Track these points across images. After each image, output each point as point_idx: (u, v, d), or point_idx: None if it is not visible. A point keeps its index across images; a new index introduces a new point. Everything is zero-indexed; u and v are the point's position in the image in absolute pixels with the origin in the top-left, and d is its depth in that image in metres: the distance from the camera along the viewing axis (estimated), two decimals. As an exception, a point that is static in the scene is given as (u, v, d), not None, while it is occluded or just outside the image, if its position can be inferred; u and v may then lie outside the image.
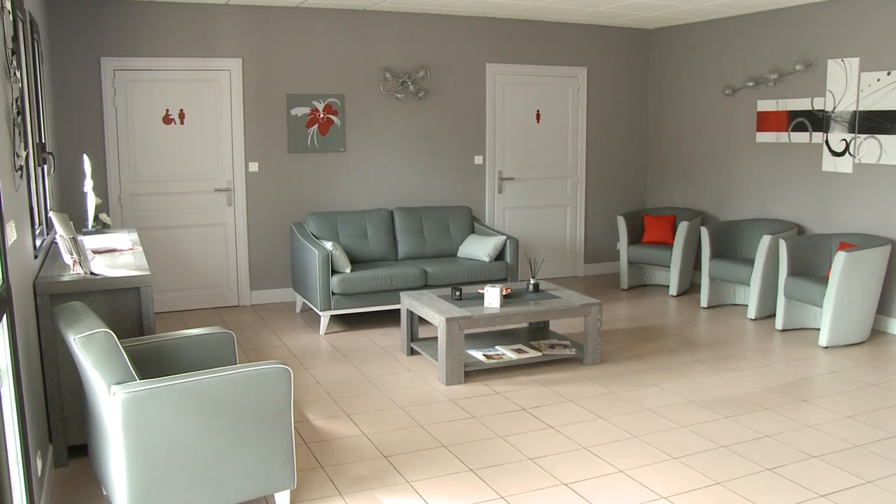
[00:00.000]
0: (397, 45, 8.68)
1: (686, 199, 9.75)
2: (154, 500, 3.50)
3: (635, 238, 9.34)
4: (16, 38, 4.26)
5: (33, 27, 5.42)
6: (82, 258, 4.59)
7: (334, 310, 7.29)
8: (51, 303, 4.30)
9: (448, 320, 5.84)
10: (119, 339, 3.66)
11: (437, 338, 6.42)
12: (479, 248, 8.02)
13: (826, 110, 7.90)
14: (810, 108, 8.07)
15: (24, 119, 4.38)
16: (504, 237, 8.04)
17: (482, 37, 9.06)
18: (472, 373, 6.17)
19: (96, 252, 5.28)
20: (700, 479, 4.39)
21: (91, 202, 6.38)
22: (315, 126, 8.43)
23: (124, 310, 4.53)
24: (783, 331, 7.49)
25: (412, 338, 6.71)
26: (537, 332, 6.98)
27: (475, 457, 4.67)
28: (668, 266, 8.94)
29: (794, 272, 7.38)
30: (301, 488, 4.25)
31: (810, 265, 7.49)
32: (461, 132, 9.12)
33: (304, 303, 8.04)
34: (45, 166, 5.68)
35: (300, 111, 8.36)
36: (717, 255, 8.34)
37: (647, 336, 7.31)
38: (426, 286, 7.60)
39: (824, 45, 7.90)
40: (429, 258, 8.19)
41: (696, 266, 9.26)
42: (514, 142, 9.43)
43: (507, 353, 6.29)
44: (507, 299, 6.40)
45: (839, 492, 4.24)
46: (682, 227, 8.73)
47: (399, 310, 7.87)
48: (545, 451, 4.75)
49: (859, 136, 7.60)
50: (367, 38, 8.54)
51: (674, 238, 8.94)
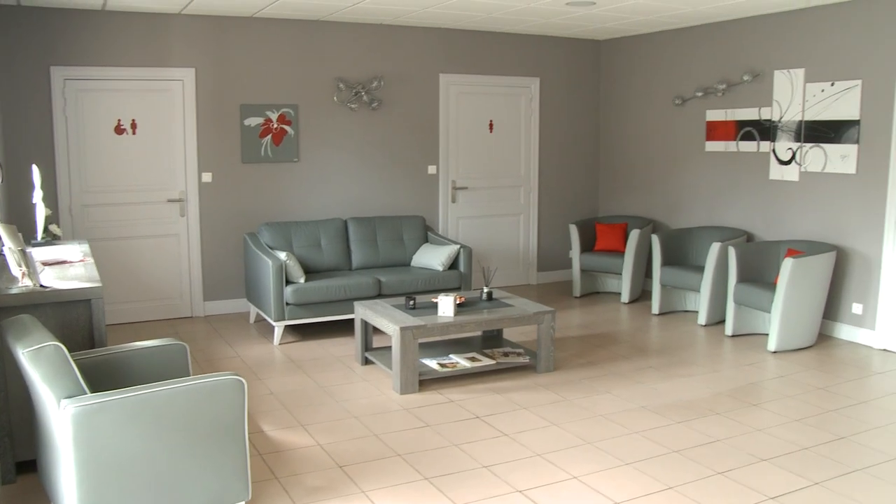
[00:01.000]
0: (351, 55, 8.68)
1: (637, 207, 9.87)
2: (105, 515, 3.46)
3: (587, 246, 9.42)
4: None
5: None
6: (31, 270, 4.52)
7: (288, 320, 7.26)
8: (-2, 315, 4.23)
9: (402, 329, 5.84)
10: (69, 352, 3.61)
11: (391, 347, 6.43)
12: (432, 258, 8.05)
13: (773, 120, 8.06)
14: (758, 118, 8.22)
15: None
16: (457, 246, 8.08)
17: (436, 47, 9.11)
18: (427, 381, 6.18)
19: (46, 264, 5.20)
20: (653, 483, 4.44)
21: (40, 213, 6.29)
22: (269, 136, 8.40)
23: (75, 322, 4.47)
24: (733, 336, 7.61)
25: (366, 347, 6.71)
26: (491, 340, 7.01)
27: (430, 465, 4.68)
28: (620, 273, 9.04)
29: (743, 279, 7.50)
30: (256, 500, 4.23)
31: (759, 272, 7.62)
32: (415, 142, 9.15)
33: (258, 313, 7.99)
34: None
35: (254, 121, 8.32)
36: (667, 262, 8.45)
37: (599, 343, 7.38)
38: (380, 295, 7.60)
39: (771, 57, 8.06)
40: (382, 268, 8.19)
41: (648, 273, 9.38)
42: (467, 151, 9.48)
43: (461, 362, 6.31)
44: (460, 308, 6.43)
45: (788, 494, 4.32)
46: (634, 234, 8.84)
47: (353, 319, 7.86)
48: (499, 459, 4.77)
49: (805, 145, 7.76)
50: (321, 48, 8.53)
51: (625, 246, 9.04)
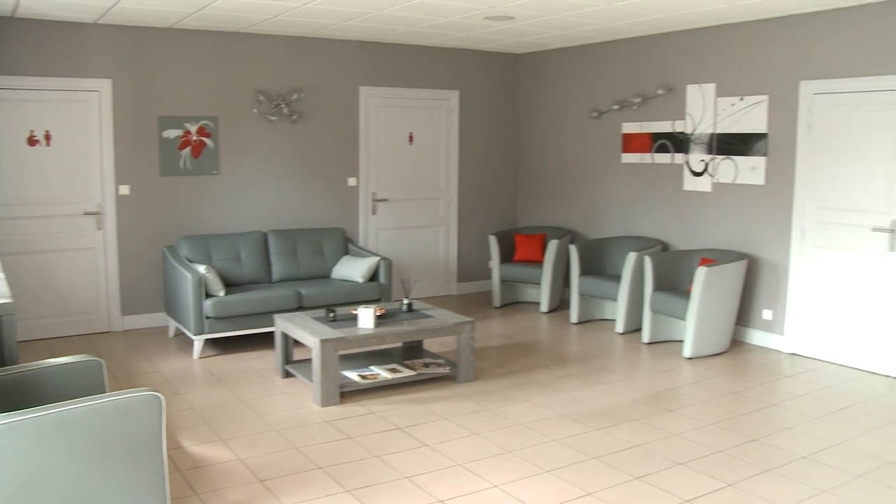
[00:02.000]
0: (271, 67, 8.63)
1: (556, 218, 10.02)
2: (17, 536, 3.37)
3: (507, 257, 9.53)
4: None
5: None
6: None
7: (208, 333, 7.17)
8: None
9: (322, 342, 5.83)
10: (-22, 368, 3.52)
11: (311, 360, 6.39)
12: (352, 270, 8.04)
13: (686, 133, 8.28)
14: (672, 131, 8.44)
15: None
16: (377, 258, 8.09)
17: (356, 60, 9.11)
18: (348, 393, 6.17)
19: (-48, 279, 5.05)
20: (572, 490, 4.51)
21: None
22: (188, 148, 8.29)
23: (-17, 339, 4.35)
24: (649, 343, 7.77)
25: (287, 360, 6.66)
26: (411, 351, 7.03)
27: (351, 477, 4.67)
28: (539, 283, 9.15)
29: (658, 287, 7.68)
30: (174, 516, 4.17)
31: (674, 280, 7.81)
32: (335, 154, 9.13)
33: (177, 327, 7.87)
34: None
35: (172, 133, 8.20)
36: (585, 272, 8.59)
37: (519, 352, 7.47)
38: (300, 308, 7.56)
39: (684, 72, 8.28)
40: (303, 280, 8.15)
41: (566, 283, 9.52)
42: (387, 164, 9.50)
43: (381, 373, 6.32)
44: (380, 320, 6.44)
45: (703, 496, 4.44)
46: (552, 245, 8.96)
47: (273, 332, 7.79)
48: (420, 469, 4.79)
49: (717, 157, 7.99)
50: (240, 60, 8.46)
51: (544, 256, 9.16)
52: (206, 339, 7.54)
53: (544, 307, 9.13)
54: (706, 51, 8.04)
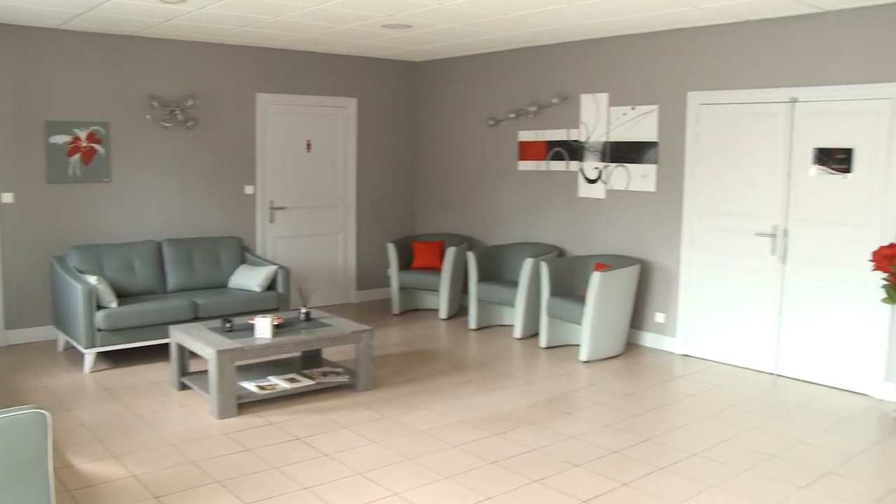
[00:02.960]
0: (165, 72, 8.45)
1: (454, 225, 10.10)
2: None
3: (405, 264, 9.55)
4: None
5: None
6: None
7: (100, 346, 6.97)
8: None
9: (219, 353, 5.74)
10: None
11: (208, 371, 6.28)
12: (250, 279, 7.94)
13: (581, 141, 8.46)
14: (567, 139, 8.60)
15: None
16: (275, 267, 8.01)
17: (252, 66, 9.01)
18: (246, 405, 6.08)
19: None
20: (472, 495, 4.55)
21: None
22: (77, 155, 8.04)
23: None
24: (547, 348, 7.90)
25: (183, 372, 6.53)
26: (310, 360, 6.98)
27: (249, 490, 4.61)
28: (438, 290, 9.20)
29: (555, 292, 7.81)
30: (64, 536, 4.04)
31: (570, 285, 7.96)
32: (231, 162, 9.00)
33: (66, 341, 7.62)
34: None
35: (60, 139, 7.95)
36: (483, 278, 8.68)
37: (418, 359, 7.49)
38: (197, 318, 7.43)
39: (578, 81, 8.46)
40: (199, 290, 8.01)
41: (465, 289, 9.59)
42: (285, 171, 9.41)
43: (280, 383, 6.26)
44: (278, 329, 6.37)
45: (599, 496, 4.54)
46: (450, 252, 9.03)
47: (169, 344, 7.62)
48: (320, 480, 4.76)
49: (610, 164, 8.18)
50: (133, 64, 8.26)
51: (442, 263, 9.21)
52: (98, 353, 7.33)
53: (443, 314, 9.18)
54: (599, 61, 8.23)
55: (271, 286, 8.02)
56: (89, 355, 6.97)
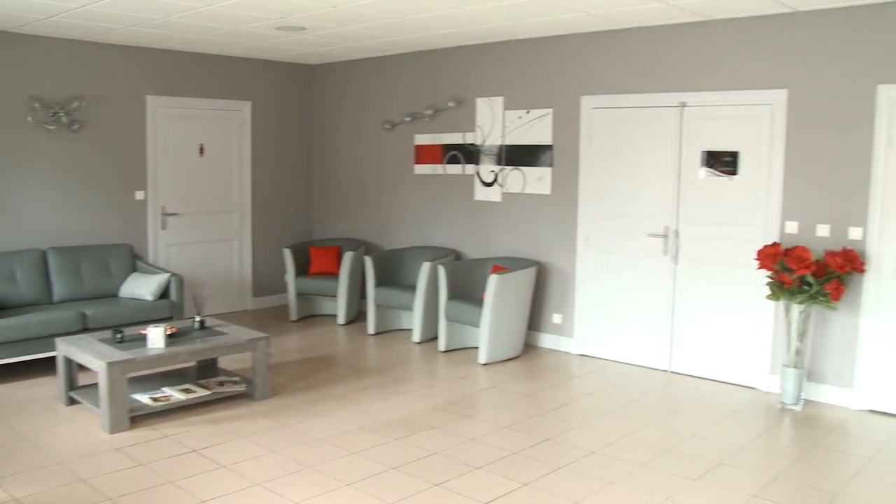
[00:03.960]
0: (48, 72, 8.11)
1: (351, 229, 10.02)
2: None
3: (302, 269, 9.43)
4: None
5: None
6: None
7: (-21, 360, 6.66)
8: None
9: (109, 365, 5.54)
10: None
11: (98, 384, 6.06)
12: (141, 287, 7.71)
13: (476, 144, 8.50)
14: (463, 142, 8.64)
15: None
16: (168, 275, 7.80)
17: (142, 68, 8.74)
18: (139, 418, 5.89)
19: None
20: (373, 502, 4.50)
21: None
22: (-50, 160, 7.67)
23: None
24: (446, 352, 7.91)
25: (71, 386, 6.26)
26: (206, 370, 6.81)
27: (144, 504, 4.46)
28: (336, 296, 9.12)
29: (452, 296, 7.83)
30: (-57, 560, 3.83)
31: (467, 288, 7.99)
32: (121, 166, 8.71)
33: (-58, 355, 7.25)
34: None
35: (-69, 144, 7.57)
36: (381, 282, 8.64)
37: (317, 366, 7.40)
38: (85, 330, 7.15)
39: (474, 85, 8.51)
40: (88, 300, 7.73)
41: (363, 294, 9.53)
42: (177, 176, 9.17)
43: (174, 395, 6.08)
44: (172, 339, 6.19)
45: (500, 497, 4.55)
46: (347, 257, 8.96)
47: (56, 357, 7.33)
48: (218, 492, 4.63)
49: (506, 167, 8.25)
50: (11, 62, 7.89)
51: (340, 268, 9.13)
52: (-21, 367, 7.01)
53: (341, 319, 9.10)
54: (495, 65, 8.30)
55: (164, 295, 7.81)
56: (-31, 370, 6.65)
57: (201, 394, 6.14)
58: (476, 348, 7.97)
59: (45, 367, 7.28)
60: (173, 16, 6.89)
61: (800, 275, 6.02)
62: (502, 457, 5.20)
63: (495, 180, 8.37)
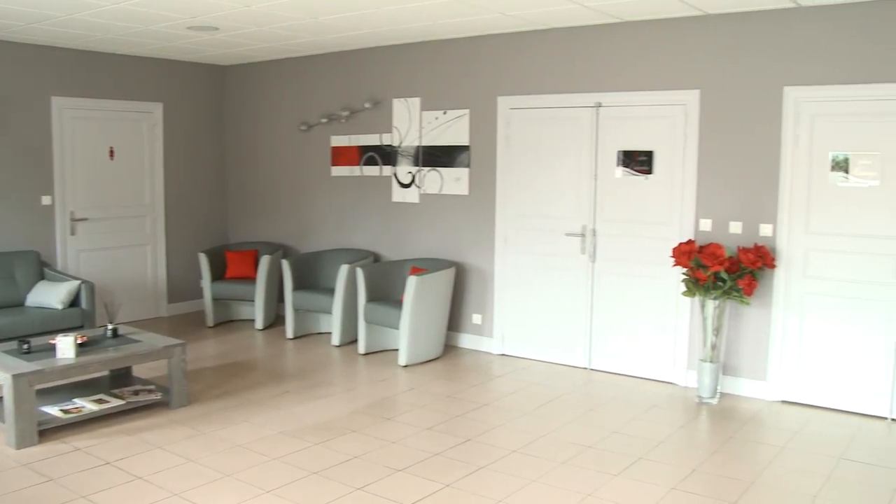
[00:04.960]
0: (-57, 74, 7.81)
1: (267, 233, 9.88)
2: None
3: (219, 274, 9.25)
4: None
5: None
6: None
7: None
8: None
9: (14, 377, 5.32)
10: None
11: (2, 398, 5.82)
12: (50, 296, 7.46)
13: (394, 145, 8.47)
14: (380, 144, 8.59)
15: None
16: (78, 282, 7.57)
17: (47, 68, 8.45)
18: (49, 431, 5.66)
19: None
20: (294, 507, 4.44)
21: None
22: None
23: None
24: (366, 354, 7.85)
25: (-25, 398, 6.03)
26: (120, 379, 6.62)
27: (54, 518, 4.30)
28: (253, 300, 8.98)
29: (371, 298, 7.78)
30: None
31: (386, 290, 7.95)
32: (25, 170, 8.39)
33: None
34: None
35: None
36: (299, 286, 8.53)
37: (235, 372, 7.27)
38: (-10, 339, 6.91)
39: (390, 86, 8.47)
40: (-8, 308, 7.46)
41: (281, 298, 9.40)
42: (86, 180, 8.89)
43: (87, 406, 5.89)
44: (83, 348, 5.99)
45: (423, 499, 4.52)
46: (264, 260, 8.83)
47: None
48: None
49: (423, 168, 8.24)
50: None
51: (257, 272, 9.00)
52: None
53: (259, 324, 8.96)
54: (411, 66, 8.27)
55: (74, 303, 7.57)
56: None
57: (115, 404, 5.96)
58: (396, 350, 7.93)
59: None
60: (77, 14, 6.68)
61: (714, 271, 6.14)
62: (424, 458, 5.17)
63: (413, 181, 8.35)
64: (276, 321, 9.31)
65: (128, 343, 6.20)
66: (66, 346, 5.76)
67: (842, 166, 6.06)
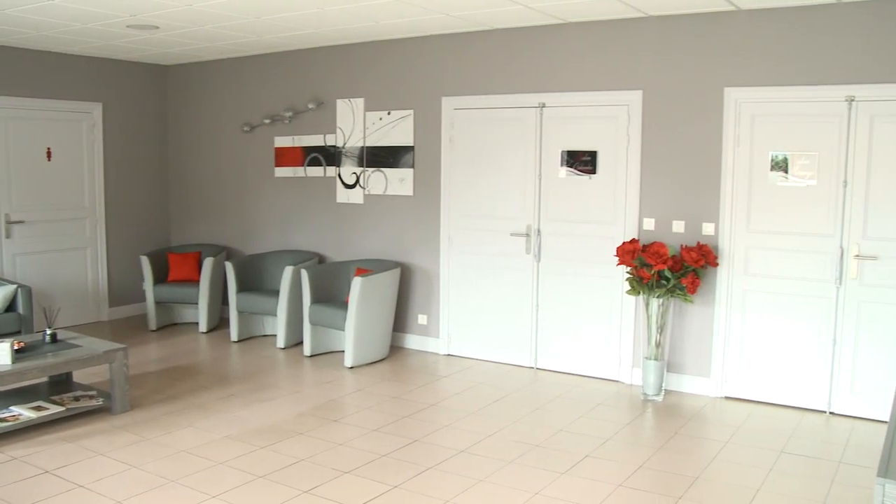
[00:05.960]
0: None
1: (210, 235, 9.76)
2: None
3: (161, 277, 9.11)
4: None
5: None
6: None
7: None
8: None
9: (-49, 381, 5.19)
10: None
11: (-62, 403, 5.69)
12: (-14, 299, 7.30)
13: (338, 146, 8.42)
14: (323, 144, 8.54)
15: None
16: (14, 286, 7.39)
17: (-23, 67, 8.26)
18: (-15, 437, 5.55)
19: None
20: (240, 511, 4.39)
21: None
22: None
23: None
24: (311, 356, 7.79)
25: None
26: (59, 385, 6.48)
27: (-8, 529, 4.20)
28: (197, 303, 8.86)
29: (316, 300, 7.73)
30: None
31: (331, 292, 7.90)
32: (-42, 172, 8.20)
33: None
34: None
35: None
36: (243, 288, 8.44)
37: (179, 376, 7.16)
38: (-77, 346, 6.70)
39: (334, 86, 8.42)
40: (-75, 314, 7.26)
41: (225, 301, 9.29)
42: (22, 182, 8.67)
43: (24, 413, 5.75)
44: (20, 354, 5.85)
45: (370, 500, 4.50)
46: (208, 263, 8.72)
47: None
48: (74, 510, 4.42)
49: (368, 169, 8.21)
50: None
51: (200, 275, 8.88)
52: None
53: (203, 327, 8.85)
54: (355, 66, 8.24)
55: (10, 308, 7.40)
56: None
57: (54, 411, 5.83)
58: (342, 352, 7.89)
59: None
60: (8, 9, 6.52)
61: (658, 270, 6.22)
62: (371, 460, 5.15)
63: (357, 182, 8.31)
64: (220, 324, 9.20)
65: (67, 348, 6.08)
66: (1, 352, 5.62)
67: (781, 166, 6.18)
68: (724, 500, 4.58)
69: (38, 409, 5.85)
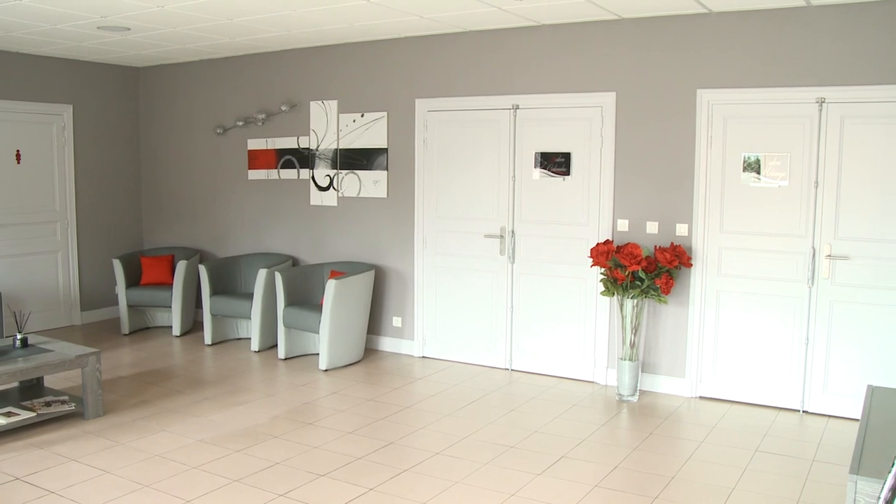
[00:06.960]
0: None
1: (184, 238, 9.70)
2: None
3: (134, 280, 9.04)
4: None
5: None
6: None
7: None
8: None
9: (-81, 387, 5.12)
10: None
11: None
12: (-45, 304, 7.20)
13: (311, 148, 8.39)
14: (297, 147, 8.51)
15: None
16: (-15, 289, 7.32)
17: (-55, 69, 8.16)
18: (-46, 443, 5.48)
19: None
20: (215, 516, 4.36)
21: None
22: None
23: None
24: (286, 359, 7.76)
25: None
26: (30, 390, 6.40)
27: (-38, 536, 4.14)
28: (170, 307, 8.80)
29: (290, 302, 7.69)
30: None
31: (306, 294, 7.87)
32: (-74, 175, 8.09)
33: None
34: None
35: None
36: (217, 291, 8.39)
37: (152, 380, 7.10)
38: None
39: (307, 88, 8.39)
40: None
41: (198, 304, 9.23)
42: (-9, 185, 8.60)
43: (-5, 417, 5.69)
44: (-9, 357, 5.80)
45: (346, 503, 4.50)
46: (181, 266, 8.66)
47: None
48: (46, 517, 4.37)
49: (341, 171, 8.19)
50: None
51: (173, 278, 8.82)
52: None
53: (177, 331, 8.78)
54: (328, 68, 8.21)
55: (-21, 311, 7.32)
56: None
57: (25, 416, 5.76)
58: (316, 355, 7.86)
59: None
60: (-18, 13, 6.47)
61: (632, 270, 6.25)
62: (347, 463, 5.13)
63: (331, 185, 8.29)
64: (193, 327, 9.13)
65: (38, 353, 6.01)
66: (-28, 357, 5.55)
67: (753, 167, 6.23)
68: (699, 500, 4.61)
69: (9, 414, 5.78)
